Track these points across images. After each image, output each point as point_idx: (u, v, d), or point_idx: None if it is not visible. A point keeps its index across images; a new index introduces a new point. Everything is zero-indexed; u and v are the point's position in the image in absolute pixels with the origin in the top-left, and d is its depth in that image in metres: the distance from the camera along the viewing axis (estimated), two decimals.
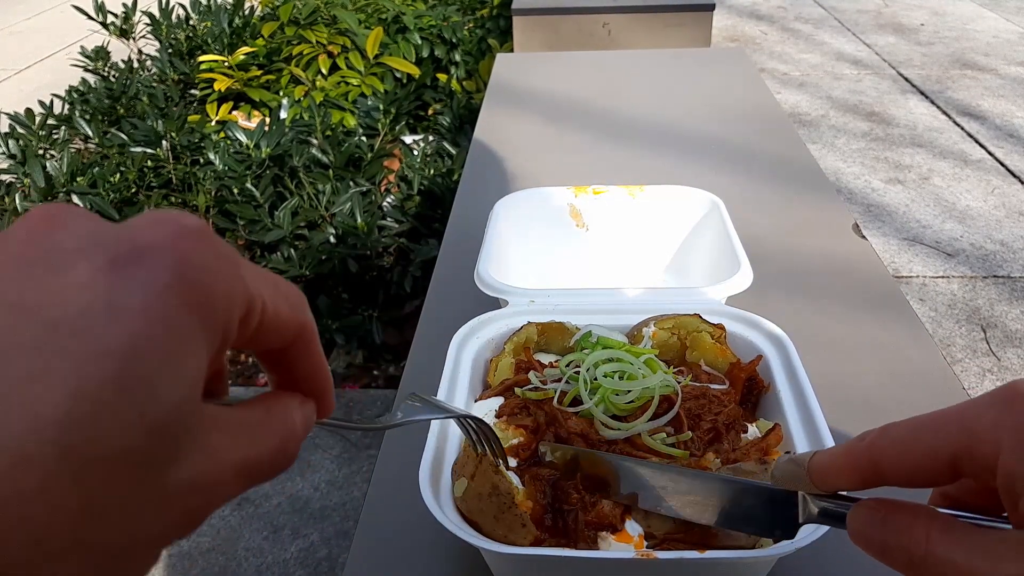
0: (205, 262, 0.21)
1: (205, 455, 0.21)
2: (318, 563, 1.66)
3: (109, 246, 0.20)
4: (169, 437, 0.20)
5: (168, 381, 0.19)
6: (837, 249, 1.04)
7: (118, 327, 0.19)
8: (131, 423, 0.18)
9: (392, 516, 0.67)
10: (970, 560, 0.28)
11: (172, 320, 0.20)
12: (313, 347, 0.27)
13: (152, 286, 0.20)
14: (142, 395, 0.19)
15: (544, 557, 0.51)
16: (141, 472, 0.19)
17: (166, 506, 0.20)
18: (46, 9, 6.00)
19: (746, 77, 1.70)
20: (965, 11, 5.26)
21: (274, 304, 0.24)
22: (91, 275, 0.19)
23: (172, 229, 0.21)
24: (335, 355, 2.17)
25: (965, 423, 0.29)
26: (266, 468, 0.24)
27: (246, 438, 0.24)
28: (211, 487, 0.22)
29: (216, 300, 0.21)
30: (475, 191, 1.24)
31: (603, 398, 0.60)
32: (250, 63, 2.92)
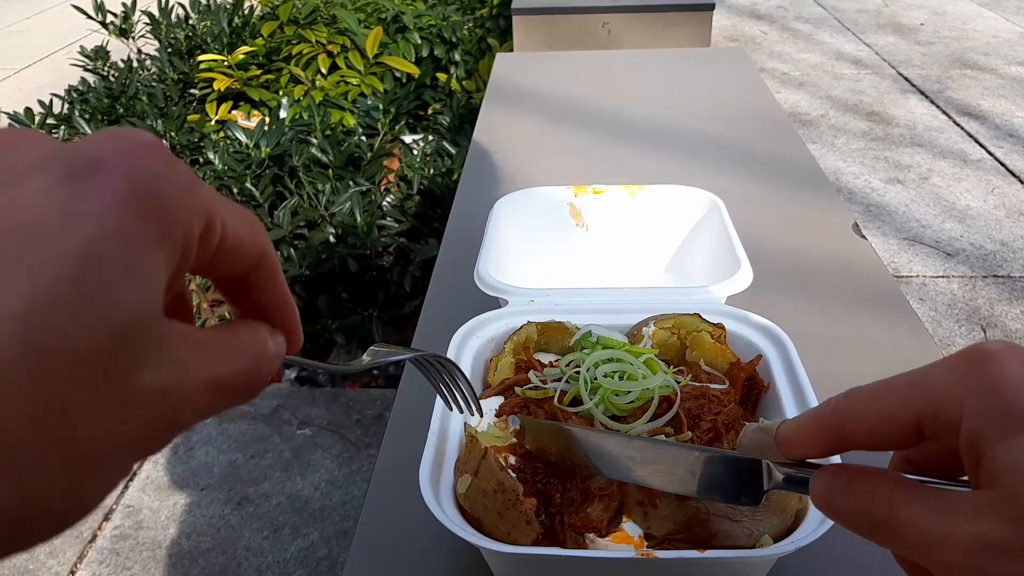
0: (161, 174, 0.21)
1: (173, 365, 0.21)
2: (318, 562, 1.66)
3: (65, 160, 0.20)
4: (131, 340, 0.20)
5: (127, 285, 0.20)
6: (837, 249, 1.04)
7: (74, 231, 0.19)
8: (90, 323, 0.19)
9: (392, 516, 0.67)
10: (931, 521, 0.28)
11: (128, 227, 0.20)
12: (276, 276, 0.27)
13: (107, 194, 0.20)
14: (100, 296, 0.19)
15: (544, 557, 0.51)
16: (103, 372, 0.19)
17: (133, 409, 0.20)
18: (46, 9, 6.01)
19: (746, 77, 1.70)
20: (965, 11, 5.26)
21: (234, 225, 0.24)
22: (47, 186, 0.20)
23: (127, 143, 0.21)
24: (335, 354, 2.17)
25: (929, 384, 0.29)
26: (238, 387, 0.24)
27: (215, 355, 0.24)
28: (180, 397, 0.22)
29: (173, 211, 0.21)
30: (475, 191, 1.24)
31: (603, 398, 0.60)
32: (250, 63, 2.92)
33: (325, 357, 2.17)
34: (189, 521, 1.77)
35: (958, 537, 0.27)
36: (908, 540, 0.28)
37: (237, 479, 1.86)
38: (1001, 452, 0.26)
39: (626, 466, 0.49)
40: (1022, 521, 0.25)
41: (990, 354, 0.28)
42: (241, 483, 1.85)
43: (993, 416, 0.27)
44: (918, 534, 0.28)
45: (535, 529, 0.52)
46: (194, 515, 1.78)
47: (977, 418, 0.27)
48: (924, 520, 0.28)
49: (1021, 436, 0.26)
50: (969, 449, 0.27)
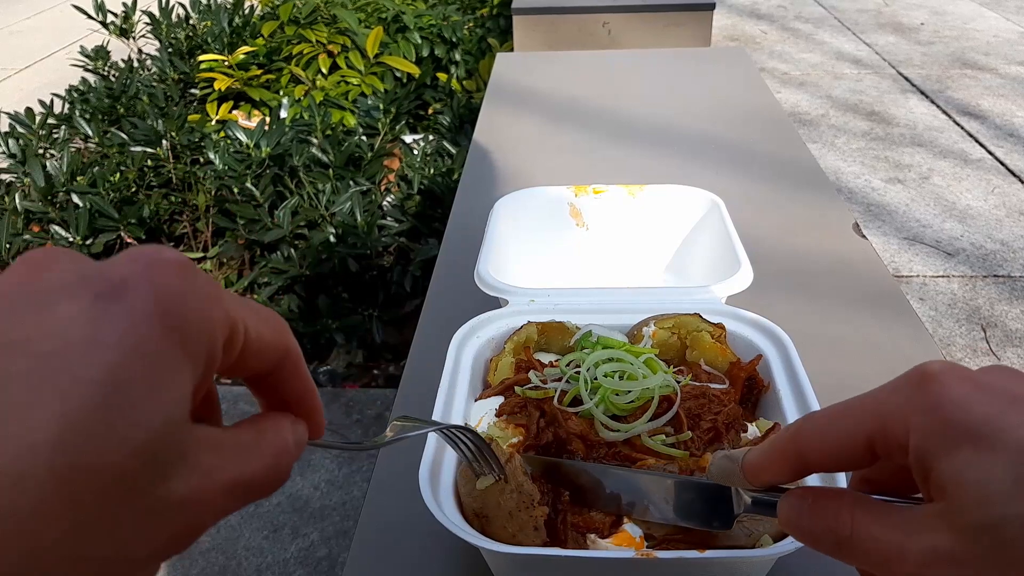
0: (182, 291, 0.22)
1: (196, 473, 0.22)
2: (318, 562, 1.66)
3: (92, 283, 0.22)
4: (155, 457, 0.21)
5: (151, 405, 0.21)
6: (837, 249, 1.04)
7: (99, 358, 0.20)
8: (116, 445, 0.20)
9: (392, 516, 0.67)
10: (889, 536, 0.29)
11: (150, 348, 0.21)
12: (300, 370, 0.29)
13: (131, 318, 0.21)
14: (126, 418, 0.20)
15: (544, 557, 0.51)
16: (130, 490, 0.20)
17: (158, 522, 0.22)
18: (46, 9, 6.01)
19: (746, 77, 1.70)
20: (965, 10, 5.26)
21: (256, 328, 0.26)
22: (75, 311, 0.21)
23: (149, 262, 0.22)
24: (335, 355, 2.17)
25: (877, 406, 0.30)
26: (259, 486, 0.25)
27: (238, 457, 0.25)
28: (202, 504, 0.23)
29: (195, 325, 0.22)
30: (475, 190, 1.24)
31: (603, 398, 0.60)
32: (250, 62, 2.92)
33: (325, 357, 2.17)
34: None
35: (912, 550, 0.28)
36: (870, 556, 0.30)
37: None
38: (946, 466, 0.27)
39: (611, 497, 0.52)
40: (968, 531, 0.27)
41: (932, 375, 0.29)
42: None
43: (936, 433, 0.28)
44: (878, 549, 0.29)
45: (541, 537, 0.52)
46: None
47: (922, 436, 0.28)
48: (883, 535, 0.29)
49: (963, 450, 0.27)
50: (918, 466, 0.29)
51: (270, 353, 0.27)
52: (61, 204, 2.17)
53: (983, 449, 0.27)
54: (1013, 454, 0.26)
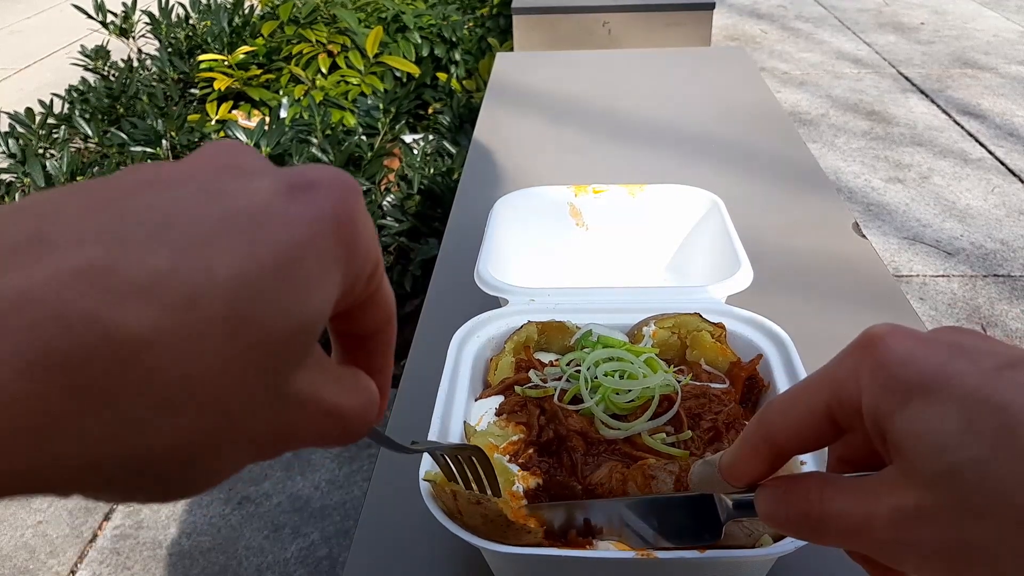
0: (359, 210, 0.24)
1: (316, 379, 0.23)
2: (318, 562, 1.66)
3: (287, 173, 0.23)
4: (301, 340, 0.22)
5: (313, 290, 0.22)
6: (837, 248, 1.04)
7: (289, 229, 0.21)
8: (277, 311, 0.20)
9: (393, 515, 0.67)
10: (856, 505, 0.29)
11: (327, 242, 0.22)
12: (392, 344, 0.29)
13: (319, 211, 0.22)
14: (293, 292, 0.21)
15: (544, 557, 0.51)
16: (275, 359, 0.21)
17: (276, 406, 0.22)
18: (46, 8, 6.00)
19: (746, 76, 1.70)
20: (965, 10, 5.26)
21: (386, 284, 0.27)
22: (272, 186, 0.22)
23: (336, 175, 0.24)
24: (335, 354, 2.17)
25: (830, 375, 0.31)
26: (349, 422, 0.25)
27: (342, 385, 0.25)
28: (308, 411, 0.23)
29: (359, 245, 0.23)
30: (475, 190, 1.24)
31: (603, 397, 0.60)
32: (250, 62, 2.92)
33: None
34: (190, 520, 1.77)
35: (879, 514, 0.28)
36: (844, 530, 0.29)
37: (238, 479, 1.86)
38: (898, 423, 0.27)
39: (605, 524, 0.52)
40: (927, 483, 0.26)
41: (877, 336, 0.29)
42: (242, 482, 1.85)
43: (885, 391, 0.28)
44: (849, 521, 0.29)
45: (536, 536, 0.52)
46: (195, 515, 1.78)
47: (873, 396, 0.29)
48: (850, 507, 0.29)
49: (912, 404, 0.27)
50: (873, 428, 0.29)
51: (382, 312, 0.27)
52: None
53: (931, 399, 0.27)
54: (960, 400, 0.26)
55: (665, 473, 0.55)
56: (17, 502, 1.82)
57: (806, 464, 0.56)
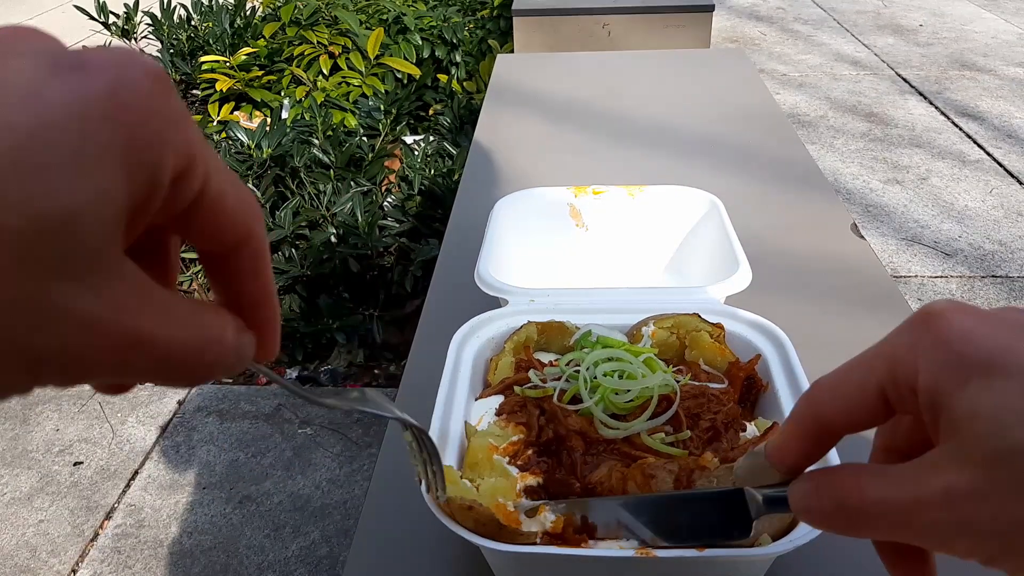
0: (147, 94, 0.20)
1: (105, 297, 0.20)
2: (319, 561, 1.66)
3: (56, 53, 0.20)
4: (58, 239, 0.18)
5: (68, 179, 0.18)
6: (836, 249, 1.04)
7: (32, 109, 0.18)
8: (14, 203, 0.18)
9: (393, 514, 0.67)
10: (900, 490, 0.28)
11: (90, 125, 0.19)
12: (261, 265, 0.26)
13: (80, 89, 0.19)
14: (33, 181, 0.18)
15: (544, 556, 0.52)
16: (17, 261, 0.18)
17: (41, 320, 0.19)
18: (47, 9, 6.01)
19: (745, 78, 1.71)
20: (964, 12, 5.27)
21: (221, 186, 0.23)
22: (30, 68, 0.19)
23: (123, 57, 0.20)
24: (336, 354, 2.17)
25: (885, 351, 0.30)
26: (173, 360, 0.22)
27: (162, 314, 0.21)
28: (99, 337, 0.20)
29: (146, 133, 0.20)
30: (475, 191, 1.24)
31: (603, 397, 0.60)
32: (251, 63, 2.92)
33: (326, 357, 2.18)
34: (191, 520, 1.77)
35: (930, 495, 0.27)
36: (885, 518, 0.28)
37: (238, 478, 1.86)
38: (957, 401, 0.27)
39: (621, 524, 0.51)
40: (985, 462, 0.26)
41: (937, 312, 0.29)
42: (243, 482, 1.86)
43: (946, 368, 0.27)
44: (892, 508, 0.28)
45: (532, 536, 0.52)
46: (196, 514, 1.79)
47: (931, 373, 0.28)
48: (893, 492, 0.28)
49: (973, 382, 0.26)
50: (928, 405, 0.28)
51: (229, 224, 0.24)
52: None
53: (994, 377, 0.26)
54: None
55: (664, 472, 0.55)
56: (19, 502, 1.83)
57: None
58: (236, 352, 0.24)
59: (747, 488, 0.39)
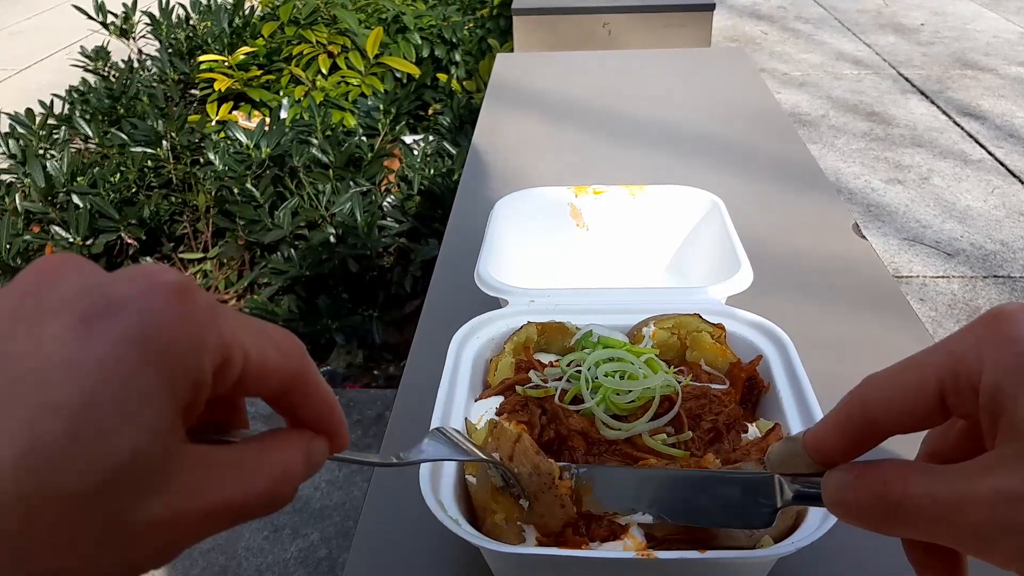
0: (173, 316, 0.22)
1: (176, 495, 0.23)
2: (318, 563, 1.66)
3: (84, 302, 0.22)
4: (126, 482, 0.21)
5: (124, 430, 0.21)
6: (837, 249, 1.04)
7: (74, 382, 0.20)
8: (84, 468, 0.20)
9: (392, 515, 0.67)
10: (948, 488, 0.27)
11: (127, 373, 0.21)
12: (314, 389, 0.28)
13: (112, 341, 0.21)
14: (95, 444, 0.20)
15: (544, 557, 0.51)
16: (96, 513, 0.21)
17: (131, 542, 0.22)
18: (46, 9, 6.01)
19: (746, 77, 1.70)
20: (965, 11, 5.26)
21: (261, 353, 0.25)
22: (62, 330, 0.21)
23: (147, 285, 0.23)
24: (335, 355, 2.17)
25: (949, 349, 0.29)
26: (252, 508, 0.25)
27: (230, 479, 0.24)
28: (179, 526, 0.23)
29: (182, 352, 0.22)
30: (475, 191, 1.24)
31: (604, 397, 0.60)
32: (250, 63, 2.92)
33: (325, 357, 2.17)
34: None
35: (980, 495, 0.26)
36: (925, 515, 0.27)
37: None
38: (1021, 403, 0.26)
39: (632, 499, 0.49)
40: None
41: (1008, 313, 0.28)
42: None
43: (1013, 367, 0.26)
44: (935, 505, 0.27)
45: (569, 513, 0.52)
46: None
47: (997, 371, 0.27)
48: (940, 489, 0.27)
49: None
50: (988, 406, 0.27)
51: (275, 377, 0.27)
52: (61, 205, 2.17)
53: None
54: None
55: None
56: None
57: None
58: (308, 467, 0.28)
59: (778, 476, 0.37)
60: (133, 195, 2.28)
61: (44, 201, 2.15)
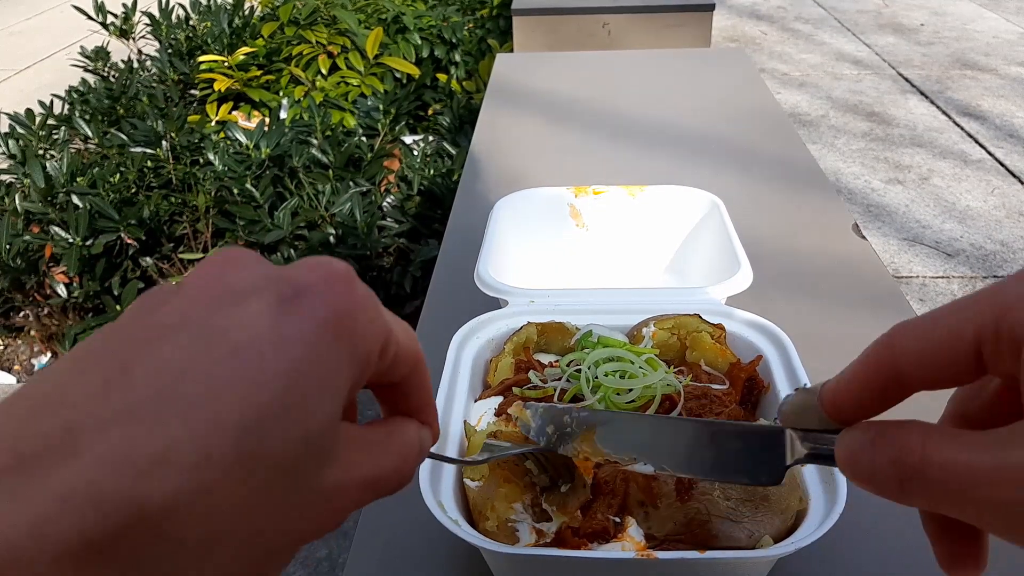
0: (353, 300, 0.25)
1: (341, 467, 0.25)
2: (318, 563, 1.66)
3: (276, 286, 0.24)
4: (319, 448, 0.23)
5: (321, 401, 0.23)
6: (837, 249, 1.04)
7: (284, 354, 0.22)
8: (291, 434, 0.22)
9: (392, 516, 0.67)
10: (973, 457, 0.24)
11: (325, 350, 0.23)
12: (427, 379, 0.31)
13: (311, 321, 0.23)
14: (301, 412, 0.22)
15: (543, 557, 0.51)
16: (296, 476, 0.23)
17: (310, 507, 0.24)
18: (46, 9, 6.01)
19: (746, 77, 1.70)
20: (965, 11, 5.27)
21: (400, 337, 0.28)
22: (262, 309, 0.23)
23: (326, 272, 0.25)
24: None
25: (993, 296, 0.25)
26: (389, 482, 0.28)
27: (373, 454, 0.27)
28: (344, 494, 0.25)
29: (362, 334, 0.25)
30: (475, 191, 1.24)
31: (604, 397, 0.60)
32: (250, 63, 2.92)
33: None
34: None
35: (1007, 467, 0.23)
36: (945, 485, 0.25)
37: None
38: None
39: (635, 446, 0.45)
40: None
41: None
42: None
43: None
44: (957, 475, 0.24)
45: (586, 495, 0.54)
46: None
47: None
48: (964, 458, 0.24)
49: None
50: None
51: (409, 361, 0.29)
52: (61, 205, 2.17)
53: None
54: None
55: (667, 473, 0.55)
56: None
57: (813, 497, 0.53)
58: (423, 451, 0.30)
59: (790, 431, 0.35)
60: (133, 195, 2.28)
61: (44, 201, 2.15)
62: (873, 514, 0.60)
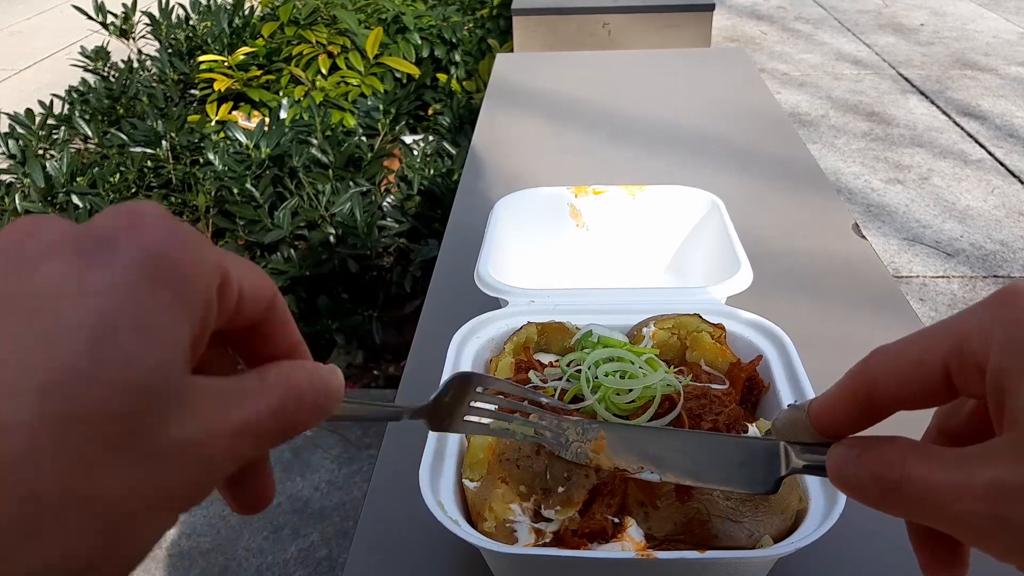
0: (170, 239, 0.23)
1: (198, 418, 0.23)
2: (318, 563, 1.66)
3: (74, 242, 0.22)
4: (153, 399, 0.21)
5: (144, 350, 0.21)
6: (837, 249, 1.04)
7: (87, 305, 0.21)
8: (107, 388, 0.20)
9: (392, 516, 0.67)
10: (945, 474, 0.26)
11: (140, 295, 0.21)
12: (288, 316, 0.29)
13: (117, 268, 0.22)
14: (116, 363, 0.20)
15: (543, 557, 0.51)
16: (128, 430, 0.21)
17: (164, 465, 0.22)
18: (46, 9, 6.01)
19: (746, 77, 1.70)
20: (965, 11, 5.26)
21: (241, 275, 0.26)
22: (62, 267, 0.21)
23: (131, 216, 0.23)
24: (335, 355, 2.17)
25: (957, 325, 0.27)
26: (270, 427, 0.25)
27: (239, 401, 0.25)
28: (210, 447, 0.23)
29: (187, 272, 0.23)
30: (475, 191, 1.24)
31: (604, 397, 0.60)
32: (250, 63, 2.92)
33: (325, 358, 2.17)
34: (189, 521, 1.77)
35: (974, 485, 0.25)
36: (921, 499, 0.26)
37: None
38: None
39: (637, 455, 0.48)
40: None
41: (1019, 291, 0.26)
42: None
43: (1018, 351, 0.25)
44: (931, 490, 0.26)
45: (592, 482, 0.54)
46: (194, 515, 1.78)
47: (1004, 352, 0.25)
48: (937, 475, 0.26)
49: None
50: (994, 389, 0.25)
51: (259, 300, 0.27)
52: (61, 205, 2.17)
53: None
54: None
55: None
56: None
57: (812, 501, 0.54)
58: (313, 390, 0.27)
59: (784, 444, 0.37)
60: (133, 195, 2.28)
61: (44, 201, 2.15)
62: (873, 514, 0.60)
